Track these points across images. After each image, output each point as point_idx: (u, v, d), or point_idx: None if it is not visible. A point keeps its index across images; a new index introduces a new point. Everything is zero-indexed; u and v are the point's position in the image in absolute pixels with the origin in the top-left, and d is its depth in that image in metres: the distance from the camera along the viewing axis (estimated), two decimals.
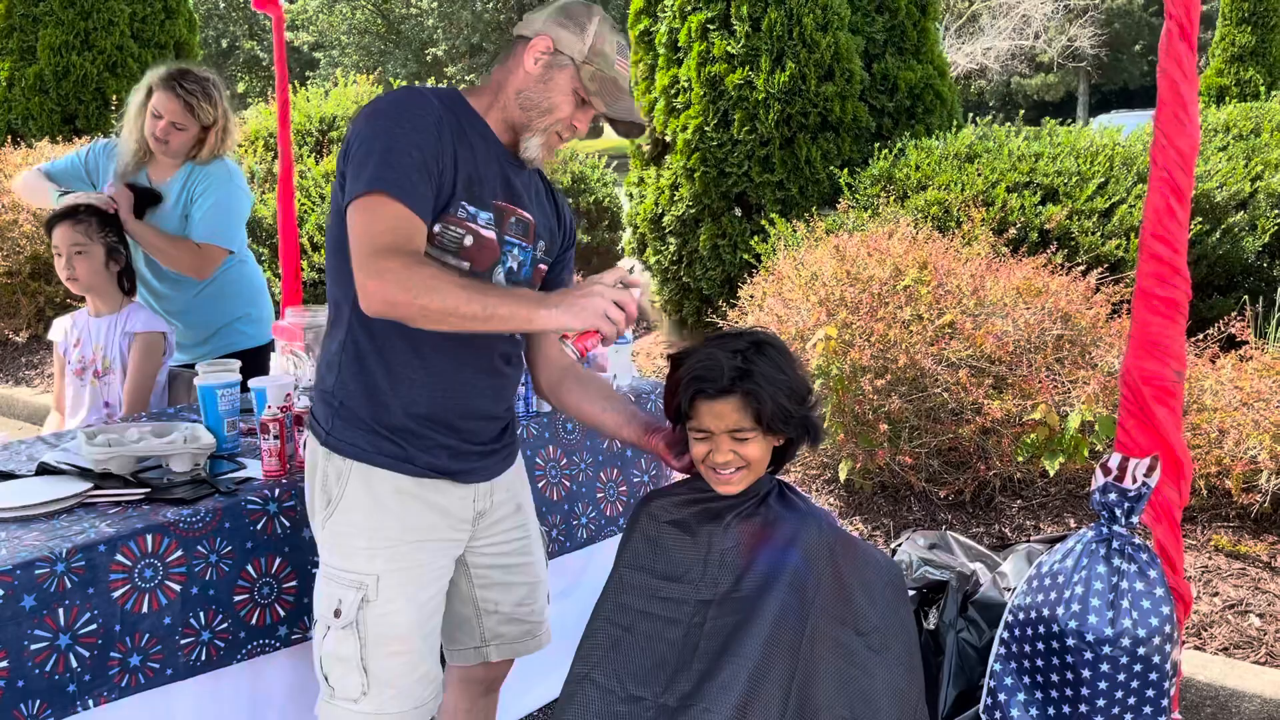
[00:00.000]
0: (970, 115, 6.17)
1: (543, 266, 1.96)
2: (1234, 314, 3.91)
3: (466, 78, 26.98)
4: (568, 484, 2.62)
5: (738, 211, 6.11)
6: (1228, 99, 11.71)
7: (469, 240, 1.76)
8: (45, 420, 3.17)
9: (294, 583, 2.14)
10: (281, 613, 2.13)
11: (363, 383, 1.80)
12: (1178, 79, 1.90)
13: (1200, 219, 4.73)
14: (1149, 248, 1.92)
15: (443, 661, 2.04)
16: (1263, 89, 10.92)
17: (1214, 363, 3.69)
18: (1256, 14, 12.91)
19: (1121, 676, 1.94)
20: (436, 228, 1.73)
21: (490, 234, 1.79)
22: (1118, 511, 1.98)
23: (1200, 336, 3.85)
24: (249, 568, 2.08)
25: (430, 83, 9.15)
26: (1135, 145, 4.99)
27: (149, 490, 2.09)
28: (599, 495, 2.68)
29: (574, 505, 2.62)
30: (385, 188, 1.63)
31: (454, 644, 2.08)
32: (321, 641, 1.84)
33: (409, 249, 1.62)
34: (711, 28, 5.90)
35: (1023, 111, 6.92)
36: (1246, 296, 4.80)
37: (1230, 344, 3.88)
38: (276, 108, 5.05)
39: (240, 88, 33.27)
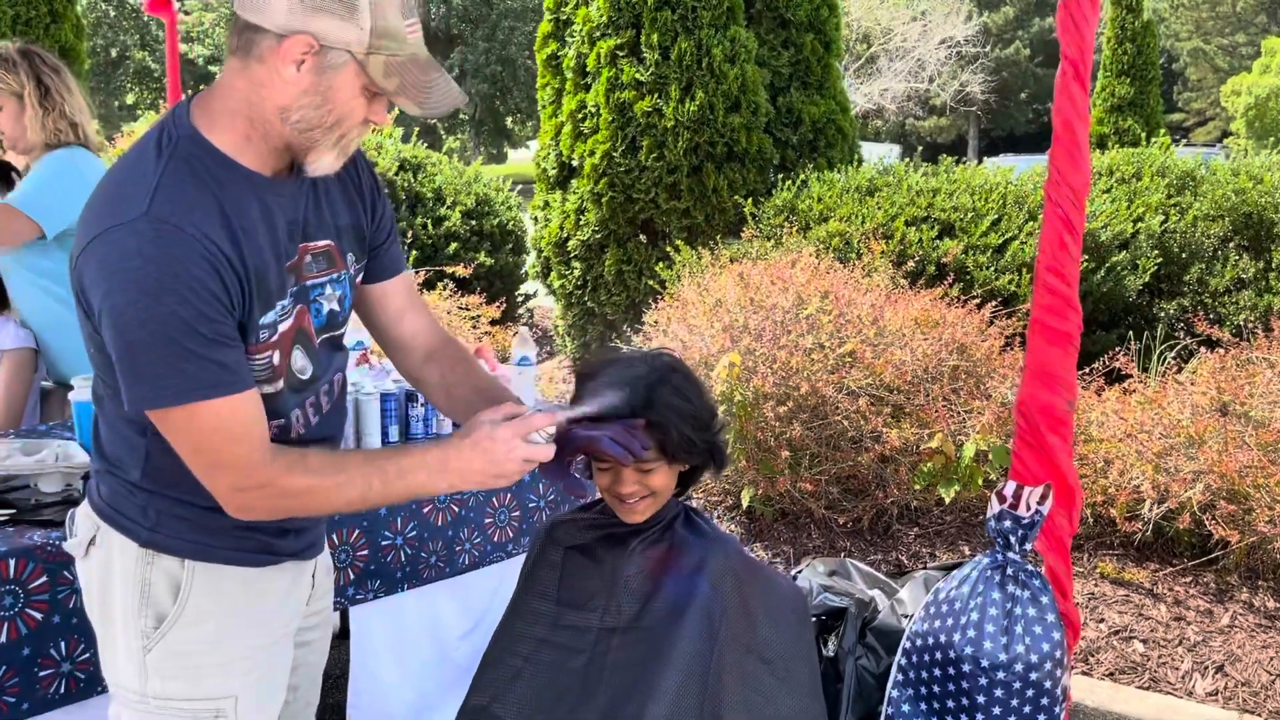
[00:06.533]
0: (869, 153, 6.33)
1: (359, 279, 1.64)
2: (1118, 349, 4.07)
3: None
4: (455, 508, 2.55)
5: (643, 238, 6.12)
6: (1108, 146, 12.30)
7: (276, 358, 1.44)
8: None
9: None
10: None
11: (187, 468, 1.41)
12: (1071, 117, 1.95)
13: (1086, 257, 4.92)
14: (1043, 280, 1.97)
15: None
16: (1141, 137, 11.52)
17: (1099, 395, 3.82)
18: (1135, 66, 13.64)
19: (1014, 701, 1.97)
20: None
21: (287, 324, 1.45)
22: (1012, 539, 2.03)
23: (1086, 370, 3.99)
24: None
25: None
26: (1026, 184, 5.18)
27: (14, 511, 1.95)
28: (487, 521, 2.61)
29: (459, 531, 2.55)
30: (194, 396, 1.29)
31: None
32: None
33: (258, 448, 1.35)
34: (621, 54, 5.93)
35: (920, 149, 7.14)
36: (1131, 333, 5.00)
37: (1112, 378, 4.02)
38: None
39: (129, 99, 32.13)
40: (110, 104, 30.89)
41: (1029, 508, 2.01)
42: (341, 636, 3.12)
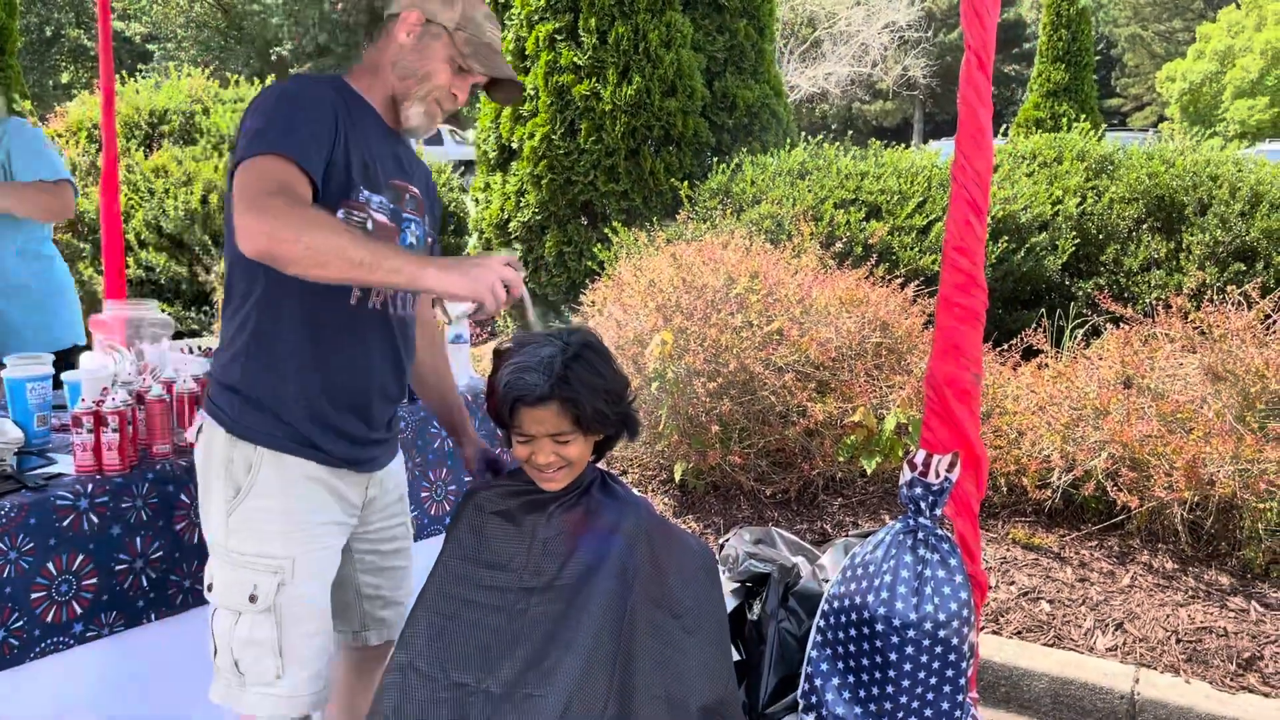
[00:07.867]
0: (814, 135, 6.44)
1: (430, 240, 2.02)
2: (1034, 326, 4.23)
3: None
4: None
5: (583, 220, 6.20)
6: (1042, 130, 12.57)
7: (370, 226, 1.80)
8: None
9: (94, 580, 2.06)
10: (79, 610, 2.05)
11: (268, 371, 1.82)
12: (976, 105, 2.06)
13: (1008, 238, 5.09)
14: (951, 259, 2.07)
15: None
16: (1066, 123, 11.73)
17: (1016, 370, 3.98)
18: (1070, 53, 13.89)
19: (924, 658, 2.05)
20: (340, 213, 1.75)
21: (383, 217, 1.84)
22: (923, 504, 2.10)
23: (1005, 346, 4.15)
24: (50, 565, 1.99)
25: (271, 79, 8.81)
26: (951, 168, 5.33)
27: None
28: (424, 495, 2.68)
29: None
30: (280, 150, 1.64)
31: (335, 628, 2.11)
32: (232, 630, 1.84)
33: (295, 194, 1.62)
34: (559, 38, 5.98)
35: (850, 133, 7.26)
36: (1045, 310, 5.19)
37: (1030, 354, 4.19)
38: (101, 96, 4.84)
39: (64, 78, 31.33)
40: (44, 83, 30.09)
41: (938, 475, 2.07)
42: None
